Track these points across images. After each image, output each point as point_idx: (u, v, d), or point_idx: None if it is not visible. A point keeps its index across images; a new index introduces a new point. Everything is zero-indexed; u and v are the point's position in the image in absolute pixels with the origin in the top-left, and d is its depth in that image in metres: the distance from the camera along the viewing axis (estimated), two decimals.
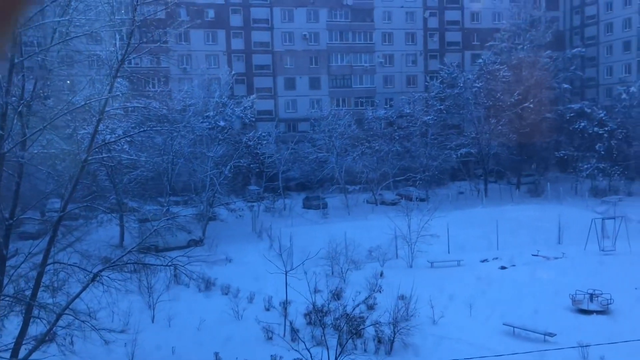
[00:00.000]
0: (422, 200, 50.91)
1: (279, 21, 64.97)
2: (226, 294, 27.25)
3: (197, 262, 19.72)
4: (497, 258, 33.16)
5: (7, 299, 16.55)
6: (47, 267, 17.38)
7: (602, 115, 56.53)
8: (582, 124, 56.46)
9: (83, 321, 16.80)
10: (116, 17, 15.63)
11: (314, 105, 63.19)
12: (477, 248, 34.88)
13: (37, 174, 19.80)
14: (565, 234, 36.51)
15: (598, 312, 23.53)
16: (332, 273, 29.37)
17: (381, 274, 28.66)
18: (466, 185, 59.24)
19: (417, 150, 57.46)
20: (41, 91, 15.30)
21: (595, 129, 55.66)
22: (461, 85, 58.79)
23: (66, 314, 17.02)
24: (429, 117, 58.71)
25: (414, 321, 21.17)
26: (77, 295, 16.90)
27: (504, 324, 21.94)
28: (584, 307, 23.87)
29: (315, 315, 20.93)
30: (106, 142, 18.08)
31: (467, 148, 57.58)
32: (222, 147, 45.49)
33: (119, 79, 22.68)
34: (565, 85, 61.69)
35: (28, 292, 16.81)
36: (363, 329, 20.63)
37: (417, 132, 58.80)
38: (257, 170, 53.56)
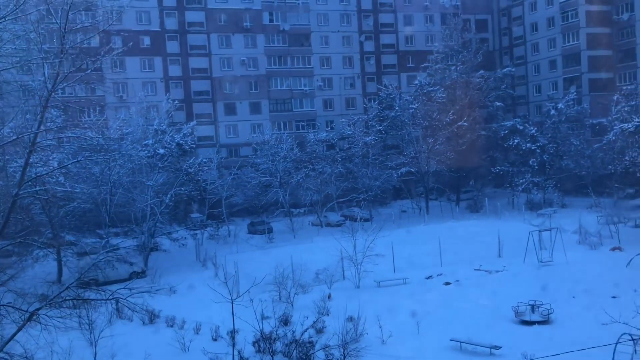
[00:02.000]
0: (366, 220, 51.38)
1: (217, 47, 64.87)
2: (171, 325, 26.48)
3: (139, 294, 19.11)
4: (441, 274, 33.69)
5: None
6: None
7: (533, 131, 58.89)
8: (516, 141, 58.62)
9: None
10: (45, 46, 15.17)
11: (256, 130, 63.15)
12: (422, 265, 35.38)
13: None
14: (505, 247, 37.56)
15: (540, 323, 24.20)
16: (280, 298, 29.08)
17: (329, 297, 28.59)
18: (408, 204, 60.26)
19: (359, 171, 58.15)
20: None
21: (528, 144, 57.88)
22: (398, 107, 60.09)
23: (0, 358, 16.11)
24: (369, 138, 59.64)
25: (363, 342, 21.15)
26: (12, 338, 16.04)
27: (450, 340, 22.24)
28: (526, 318, 24.51)
29: (264, 343, 20.63)
30: (38, 175, 17.37)
31: (407, 167, 58.71)
32: (162, 175, 44.65)
33: (51, 110, 22.00)
34: (498, 103, 64.06)
35: None
36: (313, 353, 20.45)
37: (359, 153, 59.60)
38: (199, 197, 52.82)
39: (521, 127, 60.15)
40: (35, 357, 18.59)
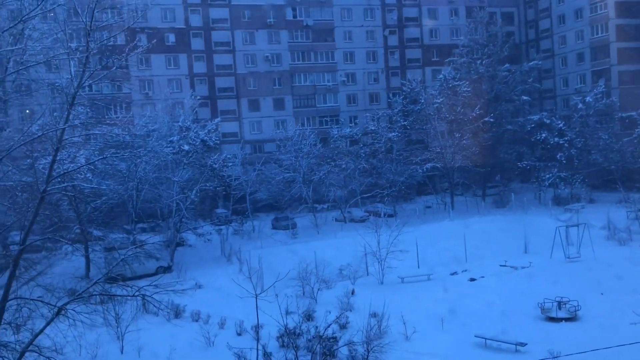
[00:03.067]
0: (390, 216, 51.17)
1: (241, 43, 65.10)
2: (196, 320, 26.80)
3: (165, 291, 19.33)
4: (466, 270, 33.45)
5: None
6: (9, 303, 16.82)
7: (561, 125, 57.93)
8: (543, 135, 57.74)
9: (48, 357, 16.25)
10: (72, 45, 15.40)
11: (279, 126, 63.27)
12: (446, 261, 35.15)
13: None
14: (531, 243, 37.11)
15: (567, 320, 23.88)
16: (304, 293, 29.18)
17: (352, 292, 28.61)
18: (433, 199, 59.85)
19: (383, 167, 57.89)
20: None
21: (556, 139, 56.98)
22: (423, 101, 59.64)
23: (30, 350, 16.44)
24: (393, 134, 59.31)
25: (387, 338, 21.14)
26: (41, 331, 16.35)
27: (475, 336, 22.07)
28: (553, 314, 24.20)
29: (288, 338, 20.72)
30: (65, 171, 17.66)
31: (432, 163, 58.24)
32: (187, 171, 45.02)
33: (78, 107, 22.35)
34: (524, 97, 63.10)
35: None
36: (336, 349, 20.48)
37: (383, 148, 59.31)
38: (224, 193, 53.16)
39: (548, 121, 59.20)
40: (64, 350, 18.96)
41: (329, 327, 19.67)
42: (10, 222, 19.29)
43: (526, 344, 20.93)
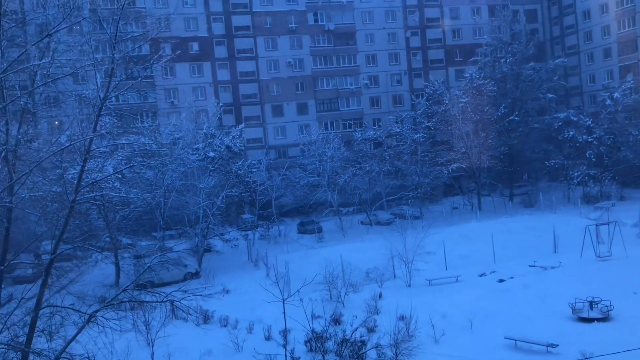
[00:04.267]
0: (416, 218, 50.90)
1: (263, 50, 65.54)
2: (225, 325, 26.98)
3: (193, 297, 19.54)
4: (494, 271, 33.07)
5: (2, 346, 16.30)
6: (42, 311, 17.17)
7: (588, 122, 57.00)
8: (571, 133, 56.87)
9: None
10: (97, 56, 15.70)
11: (303, 131, 63.42)
12: (474, 262, 34.81)
13: (29, 217, 19.71)
14: (561, 242, 36.53)
15: (599, 320, 23.43)
16: (331, 297, 29.18)
17: (380, 296, 28.51)
18: (460, 200, 59.34)
19: (408, 169, 57.63)
20: (26, 134, 15.28)
21: (584, 136, 56.07)
22: (447, 101, 59.24)
23: (63, 357, 16.75)
24: (417, 135, 59.02)
25: (416, 341, 20.99)
26: (73, 339, 16.66)
27: (505, 338, 21.80)
28: (584, 315, 23.78)
29: (316, 342, 20.73)
30: (94, 181, 17.99)
31: (457, 163, 57.77)
32: (213, 177, 45.46)
33: (105, 117, 22.79)
34: (550, 95, 62.24)
35: (23, 339, 16.57)
36: (364, 352, 20.43)
37: (407, 150, 59.06)
38: (250, 198, 53.50)
39: (575, 119, 58.32)
40: (95, 357, 19.26)
41: (355, 330, 19.66)
42: (41, 232, 19.70)
43: (557, 345, 20.60)
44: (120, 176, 31.85)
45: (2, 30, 14.41)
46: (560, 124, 58.59)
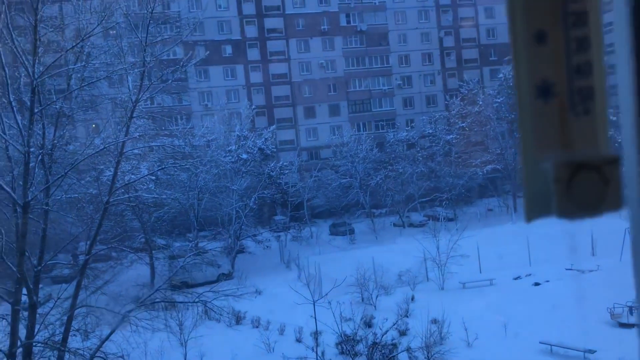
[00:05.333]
0: (450, 220, 50.31)
1: (296, 52, 65.74)
2: (257, 327, 27.12)
3: (225, 297, 19.71)
4: (530, 274, 32.44)
5: (39, 344, 16.70)
6: (77, 311, 17.54)
7: None
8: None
9: None
10: (130, 60, 15.96)
11: (335, 132, 63.35)
12: (509, 265, 34.18)
13: (66, 218, 20.17)
14: (599, 245, 35.59)
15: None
16: (362, 300, 29.03)
17: (412, 298, 28.24)
18: (495, 202, 58.42)
19: (442, 170, 57.03)
20: (62, 138, 15.62)
21: None
22: (481, 102, 58.43)
23: (97, 356, 17.08)
24: (451, 136, 58.38)
25: (448, 345, 20.72)
26: (107, 338, 16.98)
27: (540, 343, 21.34)
28: (624, 320, 23.12)
29: (346, 345, 20.64)
30: (127, 183, 18.31)
31: (492, 164, 56.93)
32: (245, 179, 45.80)
33: (139, 120, 23.16)
34: None
35: (59, 337, 16.94)
36: (395, 355, 20.25)
37: (441, 151, 58.47)
38: (282, 200, 53.69)
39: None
40: (130, 357, 19.57)
41: (386, 333, 19.50)
42: (77, 233, 20.14)
43: (595, 351, 20.06)
44: (154, 178, 32.28)
45: (38, 35, 14.77)
46: None
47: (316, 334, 22.49)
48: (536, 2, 0.95)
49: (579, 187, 0.93)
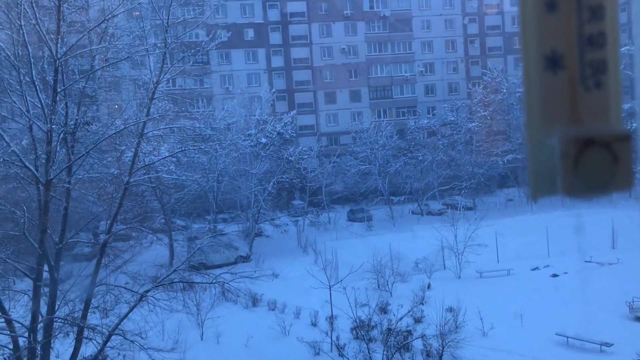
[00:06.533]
0: (469, 209, 50.01)
1: (318, 36, 65.41)
2: (273, 309, 27.31)
3: (242, 279, 19.86)
4: (548, 266, 32.20)
5: (60, 320, 17.02)
6: (97, 289, 17.83)
7: None
8: (634, 124, 54.51)
9: (132, 341, 17.08)
10: (152, 41, 16.05)
11: (355, 118, 63.14)
12: (528, 256, 33.95)
13: (87, 197, 20.46)
14: (620, 238, 35.19)
15: None
16: (378, 286, 29.07)
17: (428, 286, 28.22)
18: (515, 192, 57.92)
19: (462, 159, 56.62)
20: (84, 117, 15.80)
21: None
22: (505, 90, 57.73)
23: (116, 334, 17.35)
24: (473, 124, 57.87)
25: (463, 334, 20.70)
26: (125, 316, 17.23)
27: (556, 334, 21.21)
28: None
29: (361, 330, 20.73)
30: (147, 164, 18.50)
31: (514, 154, 56.36)
32: (265, 163, 45.94)
33: (161, 101, 23.33)
34: None
35: (79, 314, 17.25)
36: (410, 342, 20.29)
37: (462, 140, 58.01)
38: (301, 185, 53.80)
39: None
40: (147, 335, 19.86)
41: (400, 320, 19.54)
42: (97, 212, 20.42)
43: (612, 345, 19.89)
44: (175, 160, 32.54)
45: (62, 15, 14.89)
46: (623, 114, 56.26)
47: (331, 319, 22.62)
48: None
49: (587, 163, 0.89)
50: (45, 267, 16.43)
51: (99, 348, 17.11)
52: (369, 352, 18.04)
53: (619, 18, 0.98)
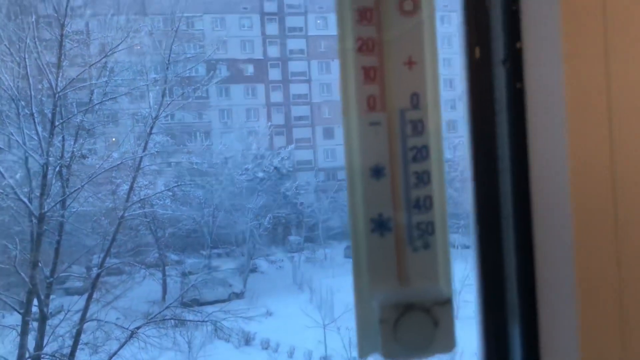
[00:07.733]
0: (466, 247, 49.76)
1: (317, 73, 66.03)
2: (266, 348, 26.84)
3: (234, 317, 19.55)
4: None
5: (47, 357, 16.66)
6: (87, 325, 17.50)
7: None
8: None
9: None
10: (152, 76, 16.14)
11: None
12: None
13: (81, 229, 20.25)
14: None
15: None
16: None
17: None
18: None
19: (460, 197, 56.65)
20: (81, 150, 15.78)
21: None
22: None
23: None
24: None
25: None
26: (114, 354, 16.90)
27: None
28: None
29: None
30: (142, 198, 18.42)
31: None
32: (261, 198, 45.77)
33: (158, 136, 23.32)
34: None
35: (68, 351, 16.89)
36: None
37: (459, 177, 58.15)
38: (297, 220, 53.56)
39: None
40: None
41: None
42: (90, 245, 20.20)
43: None
44: (171, 193, 32.40)
45: (64, 50, 15.00)
46: None
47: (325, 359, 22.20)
48: (375, 137, 0.97)
49: (406, 329, 0.90)
50: (35, 302, 16.15)
51: None
52: None
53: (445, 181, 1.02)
